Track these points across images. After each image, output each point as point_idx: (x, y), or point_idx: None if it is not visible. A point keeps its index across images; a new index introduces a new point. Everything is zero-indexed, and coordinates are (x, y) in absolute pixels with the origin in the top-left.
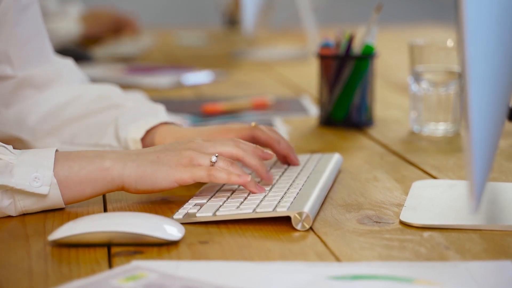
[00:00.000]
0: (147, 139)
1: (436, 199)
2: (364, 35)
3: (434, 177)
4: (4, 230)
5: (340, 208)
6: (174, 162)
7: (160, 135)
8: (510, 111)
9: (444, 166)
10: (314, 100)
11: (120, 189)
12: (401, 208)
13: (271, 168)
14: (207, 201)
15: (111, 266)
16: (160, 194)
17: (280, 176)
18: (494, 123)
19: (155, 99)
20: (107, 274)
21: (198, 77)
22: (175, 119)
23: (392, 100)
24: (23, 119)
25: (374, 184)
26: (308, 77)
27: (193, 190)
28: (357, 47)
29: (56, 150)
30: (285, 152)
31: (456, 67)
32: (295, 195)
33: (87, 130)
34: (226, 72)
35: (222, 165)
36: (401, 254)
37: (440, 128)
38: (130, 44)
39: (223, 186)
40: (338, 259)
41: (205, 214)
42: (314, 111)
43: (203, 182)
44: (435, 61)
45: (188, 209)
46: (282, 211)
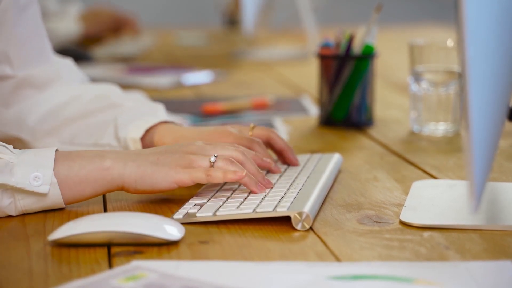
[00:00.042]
0: (146, 139)
1: (436, 199)
2: (364, 35)
3: (434, 177)
4: (4, 230)
5: (340, 208)
6: (174, 163)
7: (160, 134)
8: (510, 111)
9: (444, 166)
10: (314, 100)
11: (120, 189)
12: (401, 208)
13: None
14: (207, 201)
15: (111, 266)
16: (160, 194)
17: (280, 176)
18: (494, 123)
19: (155, 99)
20: (107, 274)
21: (198, 77)
22: (175, 118)
23: (392, 100)
24: (23, 119)
25: (374, 184)
26: (308, 77)
27: (193, 190)
28: (357, 47)
29: (56, 150)
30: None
31: (456, 67)
32: (295, 195)
33: (86, 130)
34: (226, 72)
35: (221, 164)
36: (401, 254)
37: (440, 128)
38: (130, 44)
39: (223, 186)
40: (338, 259)
41: (205, 214)
42: (314, 111)
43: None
44: (435, 61)
45: (188, 209)
46: (282, 211)
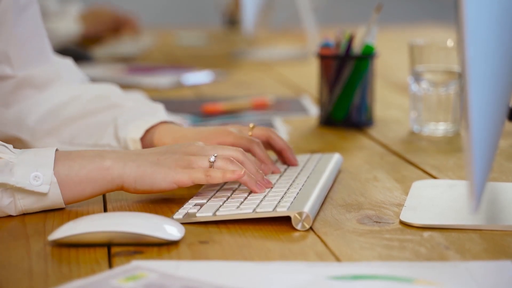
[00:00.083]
0: (146, 139)
1: (436, 199)
2: (364, 35)
3: (434, 177)
4: (4, 230)
5: (340, 208)
6: (174, 164)
7: (159, 134)
8: (510, 111)
9: (444, 166)
10: (314, 100)
11: (120, 188)
12: (401, 208)
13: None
14: (207, 201)
15: (111, 266)
16: (160, 194)
17: (280, 176)
18: (494, 123)
19: (155, 99)
20: (107, 274)
21: (198, 77)
22: (175, 118)
23: (392, 100)
24: (23, 119)
25: (374, 184)
26: (308, 77)
27: (193, 190)
28: (357, 47)
29: (56, 150)
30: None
31: (456, 67)
32: (295, 195)
33: (86, 130)
34: (226, 72)
35: (220, 164)
36: (401, 254)
37: (440, 128)
38: (130, 44)
39: (223, 186)
40: (338, 259)
41: (205, 214)
42: (314, 111)
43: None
44: (435, 61)
45: (188, 209)
46: (282, 211)
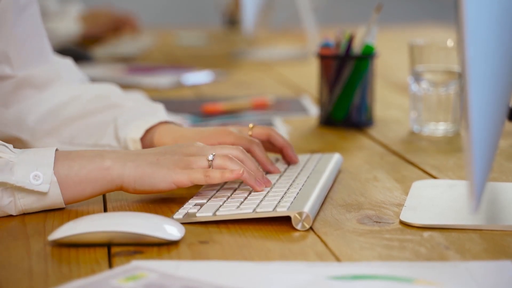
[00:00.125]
0: (146, 139)
1: (436, 199)
2: (364, 35)
3: (434, 177)
4: (4, 230)
5: (340, 208)
6: (173, 164)
7: (159, 134)
8: (510, 111)
9: (444, 166)
10: (314, 100)
11: (119, 189)
12: (401, 208)
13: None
14: (207, 201)
15: (111, 266)
16: (160, 194)
17: (280, 176)
18: (494, 123)
19: (155, 99)
20: (107, 274)
21: (198, 77)
22: (175, 118)
23: (392, 100)
24: (23, 119)
25: (374, 184)
26: (308, 77)
27: (193, 190)
28: (357, 47)
29: (56, 149)
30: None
31: (456, 67)
32: (295, 195)
33: (86, 130)
34: (226, 72)
35: (219, 162)
36: (401, 254)
37: (440, 128)
38: (130, 44)
39: (223, 185)
40: (338, 259)
41: (205, 214)
42: (314, 111)
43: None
44: (435, 61)
45: (188, 209)
46: (282, 211)
